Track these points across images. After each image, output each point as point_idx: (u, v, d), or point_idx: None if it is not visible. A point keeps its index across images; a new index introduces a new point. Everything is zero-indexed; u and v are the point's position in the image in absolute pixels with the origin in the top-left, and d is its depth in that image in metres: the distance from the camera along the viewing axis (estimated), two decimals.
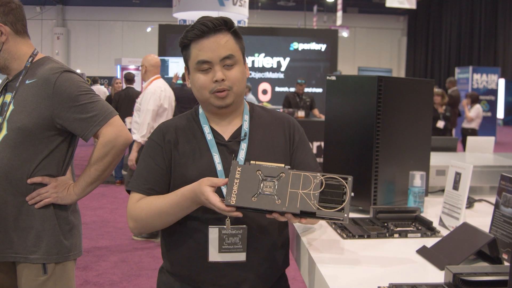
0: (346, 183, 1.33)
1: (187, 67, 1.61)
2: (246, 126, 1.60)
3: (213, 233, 1.49)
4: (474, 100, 10.27)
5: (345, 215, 1.29)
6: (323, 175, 1.34)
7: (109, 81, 18.07)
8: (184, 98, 7.18)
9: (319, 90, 14.04)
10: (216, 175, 1.51)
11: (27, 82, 1.78)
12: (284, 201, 1.32)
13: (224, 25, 1.53)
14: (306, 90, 10.67)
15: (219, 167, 1.53)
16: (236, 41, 1.55)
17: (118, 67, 17.59)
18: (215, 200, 1.34)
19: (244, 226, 1.50)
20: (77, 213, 1.92)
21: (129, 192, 1.59)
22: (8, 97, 1.80)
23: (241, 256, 1.51)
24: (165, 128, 1.60)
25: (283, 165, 1.38)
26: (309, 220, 1.34)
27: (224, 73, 1.51)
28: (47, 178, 1.78)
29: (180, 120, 1.63)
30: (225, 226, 1.48)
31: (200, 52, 1.51)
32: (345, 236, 1.54)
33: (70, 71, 1.81)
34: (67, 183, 1.83)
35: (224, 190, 1.46)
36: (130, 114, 7.55)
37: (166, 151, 1.56)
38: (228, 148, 1.56)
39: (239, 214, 1.34)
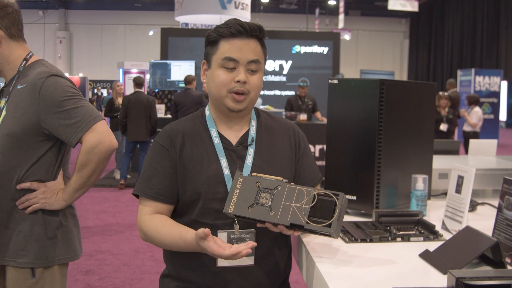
0: (337, 199, 1.34)
1: (208, 62, 1.59)
2: (253, 132, 1.61)
3: (222, 237, 1.49)
4: (473, 102, 9.76)
5: (332, 230, 1.31)
6: (316, 190, 1.37)
7: (111, 84, 18.12)
8: (188, 102, 7.16)
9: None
10: (223, 179, 1.52)
11: (18, 87, 1.77)
12: (277, 213, 1.36)
13: (259, 31, 1.54)
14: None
15: (226, 171, 1.53)
16: (262, 50, 1.57)
17: (121, 70, 17.63)
18: (218, 250, 1.33)
19: (253, 230, 1.50)
20: (72, 217, 1.90)
21: (136, 196, 1.58)
22: (2, 102, 1.80)
23: (249, 260, 1.51)
24: (171, 132, 1.59)
25: (281, 178, 1.42)
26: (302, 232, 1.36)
27: (247, 76, 1.52)
28: (35, 183, 1.77)
29: (186, 123, 1.62)
30: (234, 231, 1.48)
31: (230, 49, 1.51)
32: (347, 240, 1.54)
33: (57, 75, 1.77)
34: (56, 189, 1.81)
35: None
36: (140, 118, 7.52)
37: (173, 155, 1.55)
38: (236, 153, 1.57)
39: (246, 251, 1.33)
